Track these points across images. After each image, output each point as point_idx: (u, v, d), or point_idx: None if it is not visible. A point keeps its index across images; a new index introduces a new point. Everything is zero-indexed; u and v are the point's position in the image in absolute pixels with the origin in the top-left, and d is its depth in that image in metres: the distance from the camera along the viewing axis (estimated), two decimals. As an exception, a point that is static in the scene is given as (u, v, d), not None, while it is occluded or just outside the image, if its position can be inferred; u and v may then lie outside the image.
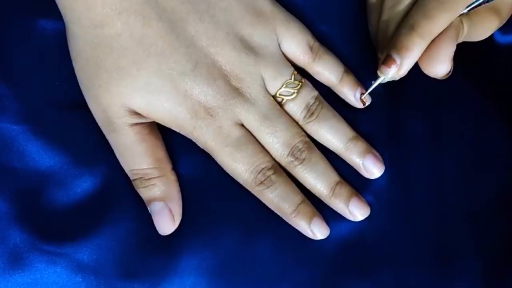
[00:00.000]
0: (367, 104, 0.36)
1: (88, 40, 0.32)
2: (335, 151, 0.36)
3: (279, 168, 0.35)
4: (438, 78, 0.33)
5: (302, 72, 0.36)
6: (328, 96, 0.37)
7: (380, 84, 0.35)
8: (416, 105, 0.38)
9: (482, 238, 0.37)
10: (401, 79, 0.36)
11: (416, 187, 0.37)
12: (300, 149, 0.34)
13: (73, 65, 0.34)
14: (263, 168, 0.34)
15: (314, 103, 0.35)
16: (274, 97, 0.35)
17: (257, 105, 0.34)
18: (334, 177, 0.35)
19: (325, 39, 0.37)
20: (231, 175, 0.34)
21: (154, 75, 0.32)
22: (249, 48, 0.34)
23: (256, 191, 0.34)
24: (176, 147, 0.36)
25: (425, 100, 0.38)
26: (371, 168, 0.35)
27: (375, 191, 0.36)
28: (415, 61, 0.33)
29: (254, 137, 0.34)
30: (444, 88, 0.39)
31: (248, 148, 0.33)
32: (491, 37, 0.40)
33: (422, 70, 0.33)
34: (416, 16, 0.32)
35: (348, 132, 0.36)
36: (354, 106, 0.37)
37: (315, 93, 0.36)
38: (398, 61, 0.32)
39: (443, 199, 0.37)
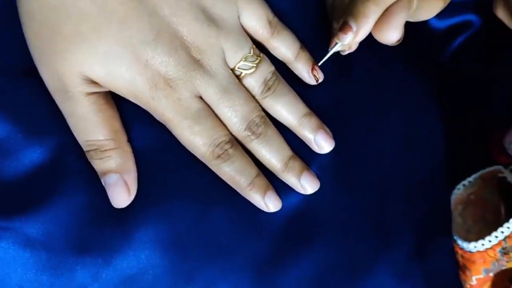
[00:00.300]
0: (320, 81, 0.38)
1: (43, 1, 0.30)
2: (288, 126, 0.37)
3: (235, 142, 0.35)
4: (389, 45, 0.35)
5: (258, 47, 0.37)
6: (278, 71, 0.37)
7: (329, 62, 0.36)
8: (360, 82, 0.40)
9: (415, 210, 0.40)
10: (347, 57, 0.38)
11: (359, 161, 0.39)
12: (257, 123, 0.35)
13: (23, 28, 0.32)
14: (221, 142, 0.34)
15: (271, 78, 0.36)
16: (232, 70, 0.35)
17: (217, 78, 0.34)
18: (287, 151, 0.36)
19: (281, 15, 0.37)
20: (188, 148, 0.34)
21: (115, 43, 0.31)
22: (211, 19, 0.33)
23: (213, 164, 0.34)
24: (129, 117, 0.35)
25: (369, 78, 0.40)
26: (322, 144, 0.37)
27: (321, 164, 0.37)
28: (371, 28, 0.34)
29: (212, 110, 0.34)
30: (386, 68, 0.41)
31: (207, 121, 0.33)
32: (425, 21, 0.43)
33: (375, 37, 0.35)
34: None
35: (302, 108, 0.37)
36: (308, 82, 0.38)
37: (272, 68, 0.36)
38: (354, 27, 0.34)
39: (383, 173, 0.39)
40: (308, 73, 0.37)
